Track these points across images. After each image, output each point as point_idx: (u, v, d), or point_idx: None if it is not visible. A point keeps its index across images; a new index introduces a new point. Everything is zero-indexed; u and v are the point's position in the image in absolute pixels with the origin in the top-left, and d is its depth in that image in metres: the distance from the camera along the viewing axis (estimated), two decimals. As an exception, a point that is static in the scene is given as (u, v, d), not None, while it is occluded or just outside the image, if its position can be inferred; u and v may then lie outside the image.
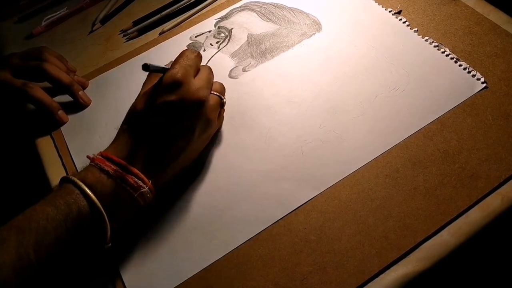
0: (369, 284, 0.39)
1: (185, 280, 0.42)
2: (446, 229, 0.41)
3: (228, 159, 0.50)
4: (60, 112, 0.57)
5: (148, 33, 0.66)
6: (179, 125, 0.44)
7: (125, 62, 0.63)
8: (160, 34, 0.66)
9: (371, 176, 0.45)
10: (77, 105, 0.59)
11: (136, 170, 0.42)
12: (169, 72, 0.44)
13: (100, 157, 0.42)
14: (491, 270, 0.54)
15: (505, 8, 0.55)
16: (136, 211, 0.43)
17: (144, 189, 0.42)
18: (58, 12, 0.72)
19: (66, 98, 0.59)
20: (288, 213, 0.44)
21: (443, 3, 0.58)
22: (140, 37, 0.66)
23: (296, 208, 0.44)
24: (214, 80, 0.49)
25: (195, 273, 0.42)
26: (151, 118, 0.44)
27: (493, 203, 0.42)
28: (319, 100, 0.52)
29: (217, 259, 0.43)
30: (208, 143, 0.50)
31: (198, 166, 0.49)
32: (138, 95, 0.46)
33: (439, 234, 0.41)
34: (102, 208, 0.39)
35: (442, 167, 0.45)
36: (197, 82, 0.45)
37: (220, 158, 0.50)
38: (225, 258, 0.43)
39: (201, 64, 0.49)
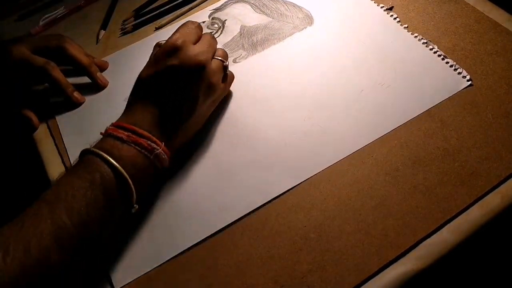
0: (368, 282, 0.39)
1: (164, 262, 0.43)
2: (445, 227, 0.41)
3: (213, 147, 0.51)
4: (76, 93, 0.58)
5: (145, 26, 0.67)
6: (183, 88, 0.45)
7: (117, 52, 0.64)
8: (156, 29, 0.66)
9: (371, 174, 0.45)
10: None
11: (147, 134, 0.43)
12: (169, 39, 0.47)
13: (112, 127, 0.44)
14: (491, 269, 0.55)
15: (506, 6, 0.55)
16: (155, 174, 0.44)
17: (158, 151, 0.43)
18: (55, 12, 0.72)
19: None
20: (268, 201, 0.45)
21: (443, 1, 0.58)
22: (137, 30, 0.66)
23: (276, 197, 0.45)
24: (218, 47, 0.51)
25: (173, 255, 0.43)
26: (156, 83, 0.46)
27: (493, 202, 0.42)
28: (306, 93, 0.53)
29: (195, 243, 0.44)
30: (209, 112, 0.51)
31: (183, 153, 0.49)
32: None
33: (438, 233, 0.41)
34: (123, 170, 0.41)
35: (442, 165, 0.44)
36: (196, 47, 0.47)
37: (205, 146, 0.51)
38: (225, 256, 0.43)
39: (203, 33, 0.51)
